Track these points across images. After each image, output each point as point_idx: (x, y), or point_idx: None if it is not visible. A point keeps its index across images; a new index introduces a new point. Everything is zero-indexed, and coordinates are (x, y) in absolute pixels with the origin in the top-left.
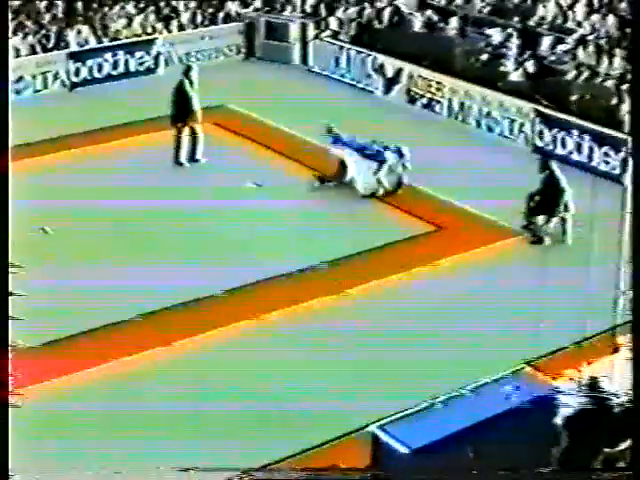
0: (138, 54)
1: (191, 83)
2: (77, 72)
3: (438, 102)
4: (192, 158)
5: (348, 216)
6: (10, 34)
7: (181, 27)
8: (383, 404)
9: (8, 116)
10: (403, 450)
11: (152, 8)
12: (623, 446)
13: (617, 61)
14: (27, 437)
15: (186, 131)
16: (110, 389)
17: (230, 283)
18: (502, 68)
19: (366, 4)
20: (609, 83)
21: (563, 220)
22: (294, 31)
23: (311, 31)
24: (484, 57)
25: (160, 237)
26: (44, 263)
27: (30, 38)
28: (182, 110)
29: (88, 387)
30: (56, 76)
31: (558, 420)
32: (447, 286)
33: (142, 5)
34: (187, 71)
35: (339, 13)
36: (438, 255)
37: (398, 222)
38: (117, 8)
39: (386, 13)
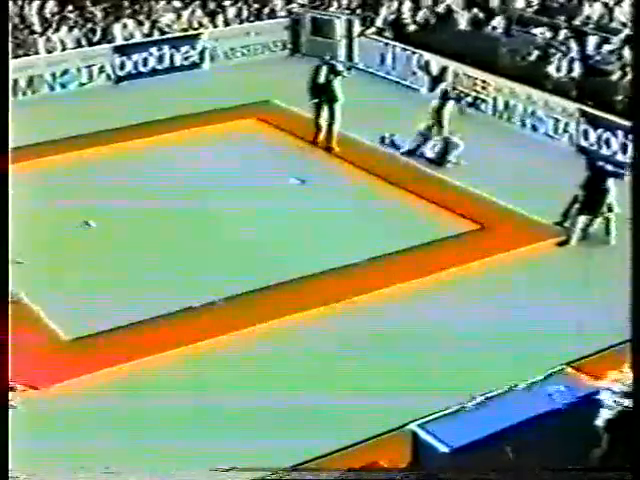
0: (183, 49)
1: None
2: (122, 66)
3: (483, 101)
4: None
5: (391, 213)
6: (52, 28)
7: (227, 22)
8: (424, 402)
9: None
10: (443, 449)
11: (198, 3)
12: None
13: None
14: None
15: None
16: (142, 385)
17: (273, 278)
18: (547, 67)
19: (410, 2)
20: None
21: (607, 220)
22: (340, 27)
23: (357, 28)
24: (529, 56)
25: (201, 232)
26: (86, 256)
27: (76, 31)
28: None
29: (119, 383)
30: (101, 70)
31: (599, 422)
32: (490, 284)
33: (188, 0)
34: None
35: (385, 10)
36: (481, 253)
37: (441, 220)
38: (163, 3)
39: (433, 11)
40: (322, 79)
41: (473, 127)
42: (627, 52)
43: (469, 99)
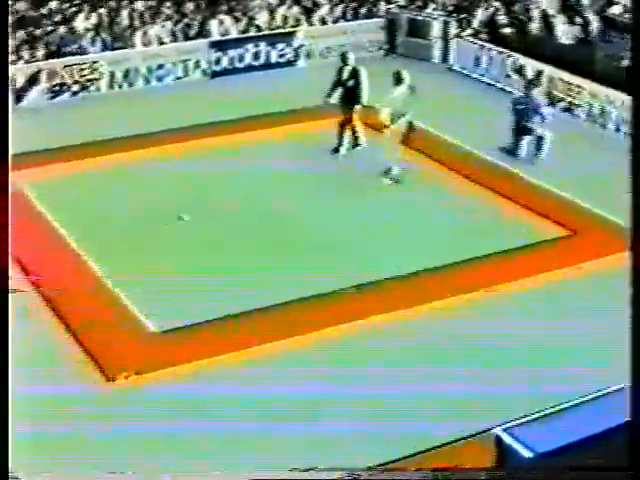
0: (279, 46)
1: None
2: (218, 61)
3: (578, 106)
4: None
5: (481, 216)
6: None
7: (323, 21)
8: (509, 406)
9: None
10: (527, 454)
11: (294, 0)
12: None
13: None
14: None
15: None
16: (223, 380)
17: (362, 278)
18: None
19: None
20: None
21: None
22: (436, 29)
23: (453, 29)
24: (625, 62)
25: (288, 230)
26: (179, 250)
27: (173, 26)
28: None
29: (201, 377)
30: (197, 64)
31: None
32: (580, 290)
33: None
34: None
35: (481, 12)
36: (574, 260)
37: (533, 225)
38: (259, 0)
39: (533, 16)
40: (346, 78)
41: (567, 132)
42: None
43: (564, 104)
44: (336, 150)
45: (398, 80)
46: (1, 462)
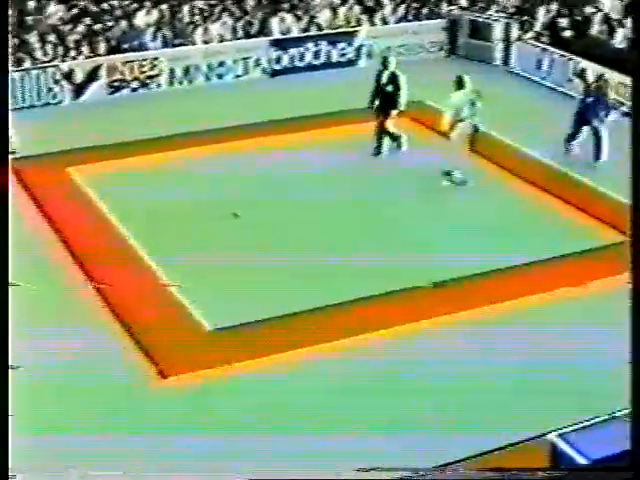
0: (340, 45)
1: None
2: (278, 60)
3: None
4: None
5: (537, 220)
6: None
7: (385, 21)
8: (565, 412)
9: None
10: (581, 460)
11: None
12: None
13: None
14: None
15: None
16: (284, 379)
17: (419, 279)
18: None
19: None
20: None
21: None
22: (497, 31)
23: (515, 32)
24: None
25: (345, 229)
26: (235, 247)
27: (234, 24)
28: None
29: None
30: (257, 62)
31: None
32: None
33: None
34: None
35: (543, 15)
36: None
37: (590, 230)
38: None
39: (595, 19)
40: (385, 83)
41: (627, 136)
42: None
43: (624, 108)
44: (377, 153)
45: (459, 85)
46: (1, 462)
